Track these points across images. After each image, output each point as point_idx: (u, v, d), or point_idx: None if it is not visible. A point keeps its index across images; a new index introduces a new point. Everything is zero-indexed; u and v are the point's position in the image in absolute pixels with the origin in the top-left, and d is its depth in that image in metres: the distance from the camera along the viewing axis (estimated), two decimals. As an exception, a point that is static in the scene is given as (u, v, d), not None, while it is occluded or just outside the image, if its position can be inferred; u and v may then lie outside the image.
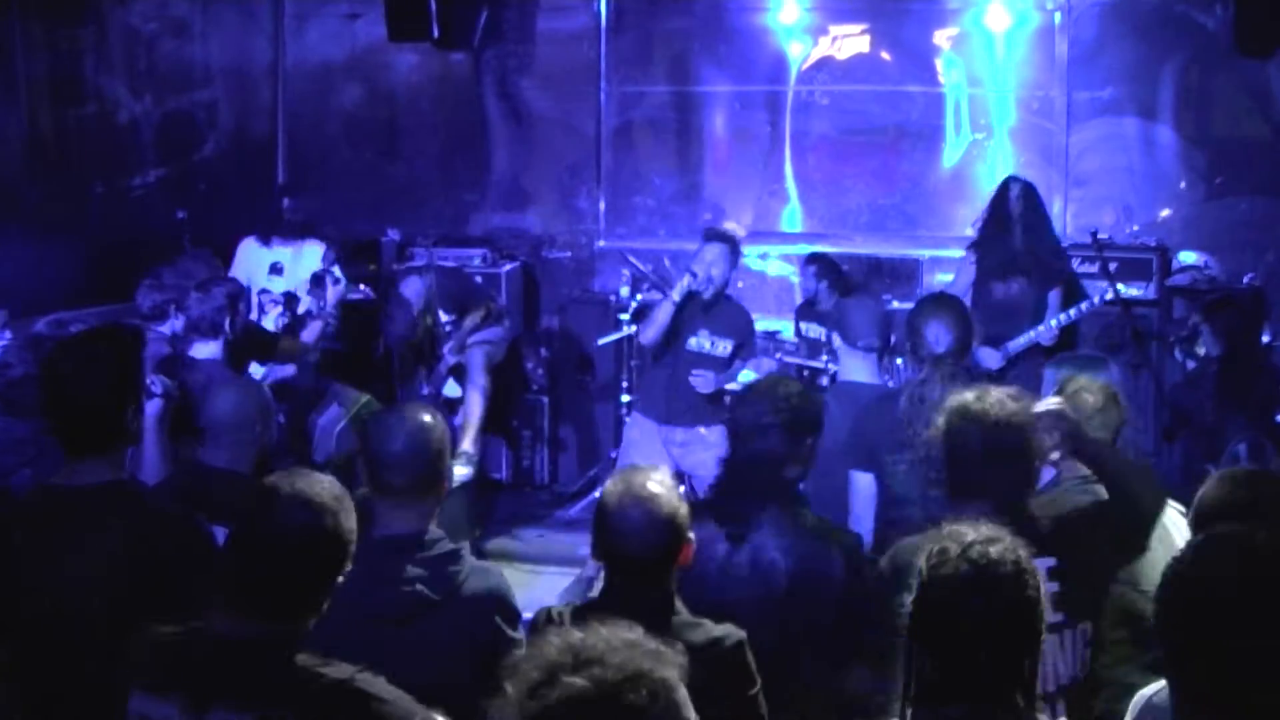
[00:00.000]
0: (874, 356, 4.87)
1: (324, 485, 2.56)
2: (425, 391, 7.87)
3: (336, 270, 7.19)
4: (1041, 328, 6.49)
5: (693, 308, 6.33)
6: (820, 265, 7.72)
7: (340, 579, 2.56)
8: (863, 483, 4.38)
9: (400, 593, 2.99)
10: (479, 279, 8.27)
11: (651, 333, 6.35)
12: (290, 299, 7.11)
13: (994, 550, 2.34)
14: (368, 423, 3.25)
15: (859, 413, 4.54)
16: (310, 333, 6.66)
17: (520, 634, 3.15)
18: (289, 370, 6.49)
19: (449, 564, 3.08)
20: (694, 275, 6.23)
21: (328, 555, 2.51)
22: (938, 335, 4.36)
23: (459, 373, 7.75)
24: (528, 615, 3.21)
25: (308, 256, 7.62)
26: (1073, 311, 6.59)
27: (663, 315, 6.29)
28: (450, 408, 7.77)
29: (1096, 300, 6.67)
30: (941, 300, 4.68)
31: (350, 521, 2.55)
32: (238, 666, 2.39)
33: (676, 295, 6.23)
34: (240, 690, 2.37)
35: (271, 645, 2.42)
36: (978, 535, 2.37)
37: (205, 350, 5.52)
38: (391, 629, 2.95)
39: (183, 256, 7.26)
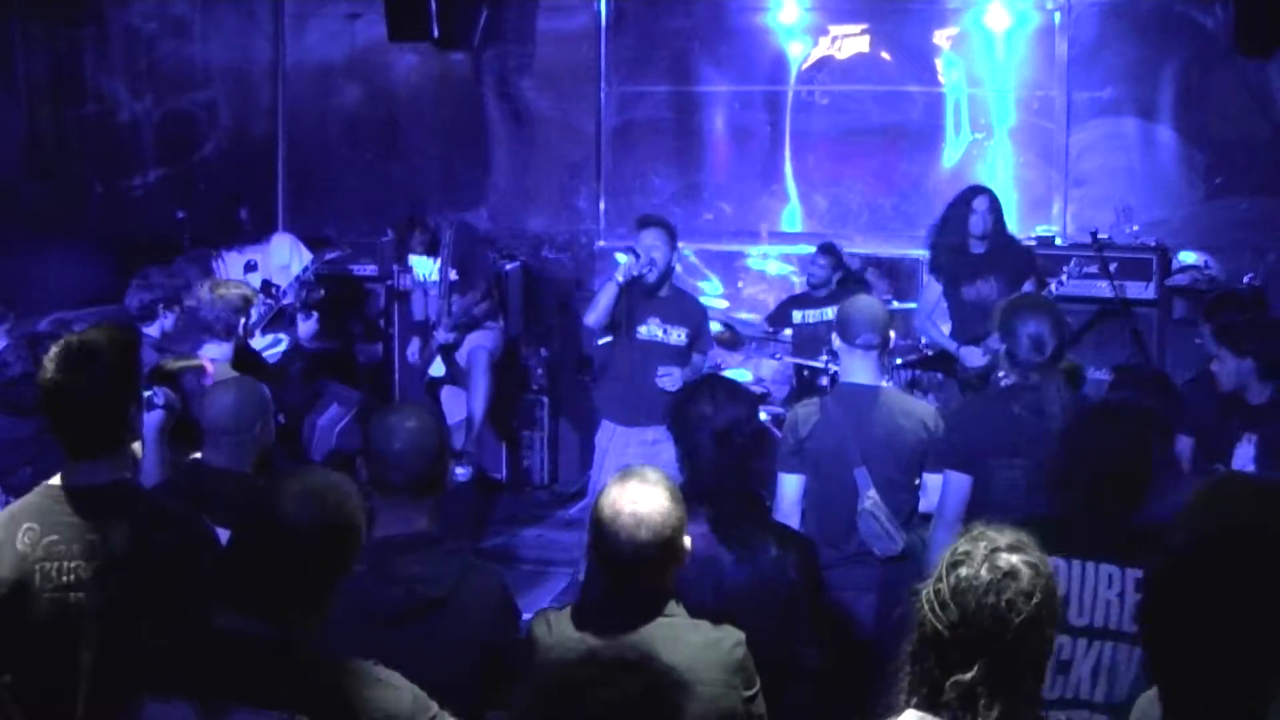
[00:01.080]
0: (874, 355, 4.85)
1: (333, 481, 2.56)
2: (413, 359, 7.87)
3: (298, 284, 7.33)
4: None
5: (639, 296, 6.27)
6: (835, 257, 7.74)
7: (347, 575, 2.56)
8: (958, 483, 4.32)
9: (401, 591, 2.99)
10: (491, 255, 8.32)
11: (595, 315, 6.23)
12: (267, 286, 7.16)
13: (1016, 559, 2.32)
14: (369, 421, 3.27)
15: (957, 413, 4.48)
16: (274, 356, 6.75)
17: (520, 633, 3.15)
18: None
19: (450, 563, 3.08)
20: (636, 256, 6.17)
21: (338, 551, 2.51)
22: (1040, 342, 4.27)
23: (449, 353, 7.74)
24: (527, 616, 3.21)
25: (275, 248, 7.68)
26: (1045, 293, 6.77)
27: (605, 296, 6.18)
28: (432, 390, 7.77)
29: (1055, 288, 6.88)
30: (1039, 304, 4.54)
31: (359, 516, 2.55)
32: (251, 667, 2.39)
33: (620, 276, 6.15)
34: (256, 691, 2.36)
35: (284, 644, 2.42)
36: (1004, 541, 2.35)
37: (216, 351, 5.53)
38: (392, 628, 2.95)
39: (178, 258, 7.29)
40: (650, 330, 6.30)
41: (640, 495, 2.97)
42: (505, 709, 3.01)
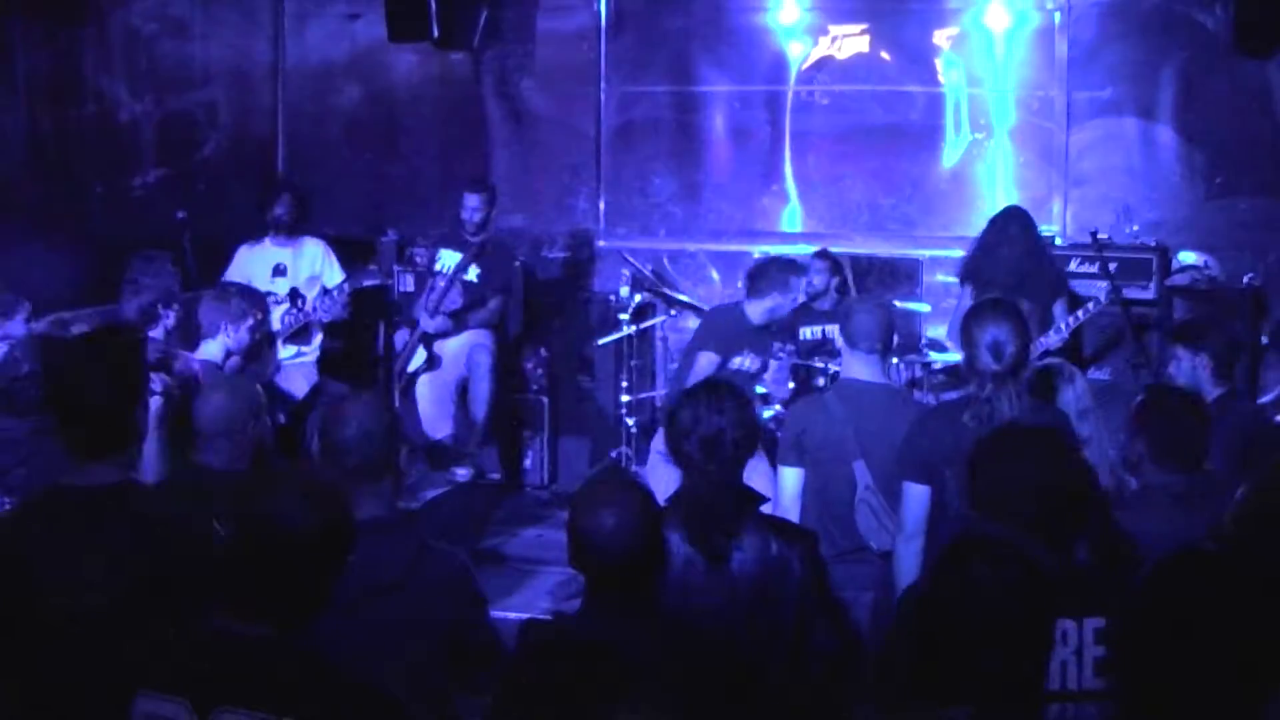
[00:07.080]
0: (876, 358, 4.84)
1: (323, 482, 2.57)
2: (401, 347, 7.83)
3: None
4: (1052, 333, 6.67)
5: (741, 330, 6.24)
6: (831, 262, 7.71)
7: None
8: (917, 495, 4.14)
9: (359, 575, 2.98)
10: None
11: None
12: (295, 295, 7.15)
13: (1005, 556, 2.33)
14: (323, 411, 3.38)
15: (913, 424, 4.34)
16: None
17: (486, 618, 3.24)
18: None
19: (404, 546, 3.11)
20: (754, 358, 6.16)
21: (331, 553, 2.52)
22: (998, 348, 4.09)
23: (429, 341, 7.72)
24: (525, 616, 3.22)
25: (307, 254, 7.64)
26: (1080, 313, 6.82)
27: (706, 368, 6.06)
28: (411, 382, 7.72)
29: (1103, 299, 6.87)
30: (999, 308, 4.28)
31: (349, 516, 2.57)
32: (246, 667, 2.39)
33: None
34: (249, 692, 2.36)
35: (278, 645, 2.42)
36: (996, 540, 2.36)
37: (211, 349, 5.54)
38: (351, 611, 2.94)
39: (141, 254, 7.06)
40: (742, 362, 6.19)
41: (617, 497, 2.97)
42: (475, 692, 3.05)
